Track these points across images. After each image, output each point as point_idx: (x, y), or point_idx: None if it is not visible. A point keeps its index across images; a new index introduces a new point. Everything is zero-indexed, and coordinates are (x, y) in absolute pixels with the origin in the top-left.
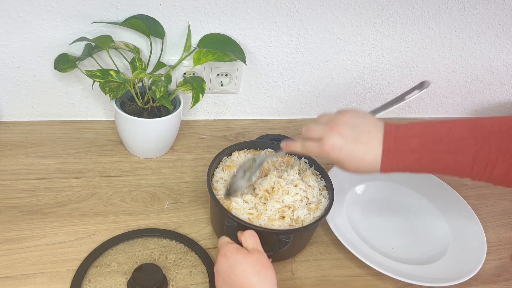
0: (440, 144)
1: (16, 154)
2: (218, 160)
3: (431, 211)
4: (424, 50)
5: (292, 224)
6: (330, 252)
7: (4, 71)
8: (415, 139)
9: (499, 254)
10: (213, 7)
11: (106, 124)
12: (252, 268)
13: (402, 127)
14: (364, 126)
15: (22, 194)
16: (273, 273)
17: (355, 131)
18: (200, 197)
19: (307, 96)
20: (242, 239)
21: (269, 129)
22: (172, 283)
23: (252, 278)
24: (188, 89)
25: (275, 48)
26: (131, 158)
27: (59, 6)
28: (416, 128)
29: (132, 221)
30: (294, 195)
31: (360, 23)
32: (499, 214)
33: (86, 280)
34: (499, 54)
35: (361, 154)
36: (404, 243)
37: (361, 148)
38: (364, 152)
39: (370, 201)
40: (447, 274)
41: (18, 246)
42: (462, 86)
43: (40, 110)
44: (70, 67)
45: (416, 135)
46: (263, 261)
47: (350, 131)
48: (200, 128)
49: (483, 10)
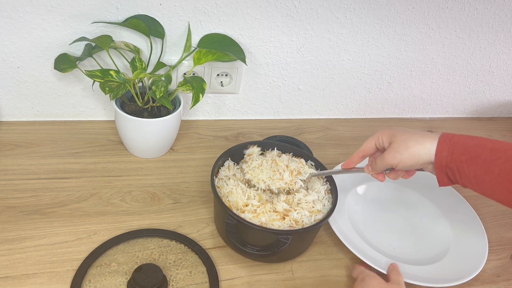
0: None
1: (16, 154)
2: (224, 158)
3: (432, 211)
4: (424, 50)
5: (292, 225)
6: (330, 252)
7: (4, 71)
8: (472, 142)
9: (499, 254)
10: (213, 7)
11: (106, 124)
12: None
13: (459, 136)
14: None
15: (22, 194)
16: None
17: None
18: (200, 197)
19: (307, 96)
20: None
21: (269, 129)
22: (172, 283)
23: None
24: (188, 89)
25: (275, 48)
26: (131, 158)
27: (59, 6)
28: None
29: (132, 221)
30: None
31: (360, 23)
32: (499, 214)
33: (86, 280)
34: (499, 54)
35: (418, 140)
36: (405, 243)
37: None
38: (421, 141)
39: (372, 201)
40: (448, 274)
41: (18, 246)
42: (462, 86)
43: (40, 110)
44: (70, 67)
45: (472, 144)
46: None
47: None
48: (200, 128)
49: (483, 10)
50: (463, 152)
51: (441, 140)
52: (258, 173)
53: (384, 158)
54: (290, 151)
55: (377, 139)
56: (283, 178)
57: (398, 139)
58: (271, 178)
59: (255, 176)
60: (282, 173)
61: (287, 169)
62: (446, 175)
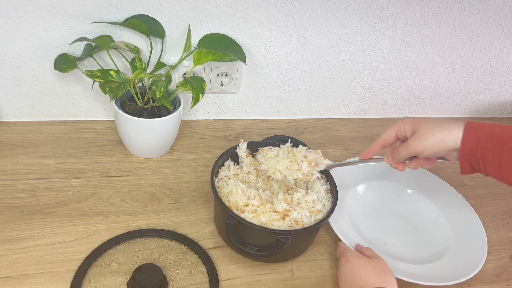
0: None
1: (16, 154)
2: (224, 158)
3: (432, 210)
4: (424, 50)
5: (292, 225)
6: (330, 252)
7: (4, 71)
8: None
9: (499, 254)
10: (213, 7)
11: (106, 124)
12: (373, 271)
13: (484, 123)
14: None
15: (22, 194)
16: (393, 278)
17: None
18: (200, 197)
19: (307, 96)
20: (358, 249)
21: (269, 129)
22: (172, 283)
23: (373, 279)
24: (188, 89)
25: (275, 48)
26: (131, 158)
27: (59, 6)
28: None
29: (132, 221)
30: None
31: (360, 23)
32: (499, 214)
33: (86, 280)
34: (499, 54)
35: (444, 127)
36: (405, 242)
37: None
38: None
39: (372, 201)
40: (448, 273)
41: (18, 246)
42: (462, 86)
43: (40, 110)
44: (70, 67)
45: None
46: (383, 266)
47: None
48: (200, 128)
49: (483, 10)
50: (489, 139)
51: (468, 127)
52: (275, 163)
53: (409, 145)
54: None
55: (399, 128)
56: (301, 169)
57: (422, 127)
58: (289, 169)
59: (271, 166)
60: (300, 163)
61: (305, 159)
62: (470, 164)
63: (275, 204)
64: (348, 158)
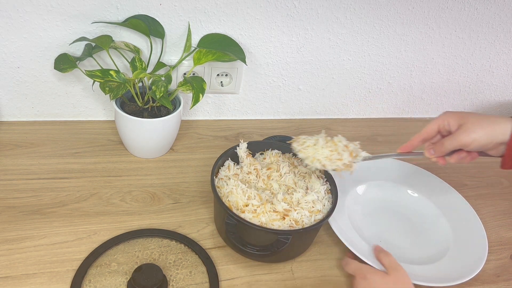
0: None
1: (16, 154)
2: (224, 158)
3: (432, 211)
4: (424, 50)
5: (292, 225)
6: (330, 252)
7: (4, 71)
8: None
9: (499, 254)
10: (213, 7)
11: (106, 124)
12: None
13: None
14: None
15: (22, 194)
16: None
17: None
18: (200, 197)
19: (307, 96)
20: (377, 256)
21: (269, 129)
22: (172, 283)
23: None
24: (188, 89)
25: (275, 48)
26: (131, 158)
27: (59, 6)
28: None
29: (132, 221)
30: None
31: (360, 23)
32: (499, 214)
33: (86, 280)
34: (499, 54)
35: (492, 120)
36: (405, 242)
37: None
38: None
39: (371, 201)
40: (448, 274)
41: (18, 246)
42: (462, 86)
43: (40, 110)
44: (70, 67)
45: None
46: (403, 280)
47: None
48: (200, 128)
49: (483, 10)
50: None
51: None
52: (314, 152)
53: (456, 138)
54: (290, 151)
55: (442, 122)
56: (343, 158)
57: (471, 120)
58: (329, 158)
59: (309, 155)
60: (342, 153)
61: (347, 149)
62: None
63: (275, 204)
64: None
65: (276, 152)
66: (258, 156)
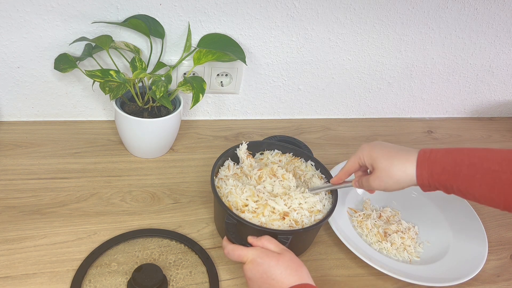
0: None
1: (16, 154)
2: (224, 158)
3: (432, 211)
4: (424, 50)
5: (292, 225)
6: (330, 252)
7: (4, 71)
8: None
9: (499, 254)
10: (213, 7)
11: (106, 124)
12: (289, 269)
13: (436, 153)
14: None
15: (22, 194)
16: (306, 268)
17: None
18: (200, 197)
19: (307, 96)
20: (259, 244)
21: (269, 129)
22: (172, 283)
23: (291, 278)
24: (188, 89)
25: (275, 48)
26: (131, 158)
27: (59, 6)
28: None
29: (132, 221)
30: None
31: (360, 23)
32: (499, 214)
33: (86, 280)
34: (499, 54)
35: (399, 167)
36: None
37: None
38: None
39: (371, 201)
40: (448, 274)
41: (18, 246)
42: (462, 86)
43: (40, 110)
44: (70, 67)
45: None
46: (295, 259)
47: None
48: (200, 128)
49: (483, 10)
50: (442, 172)
51: (419, 162)
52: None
53: (370, 183)
54: (291, 151)
55: (360, 159)
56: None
57: (380, 166)
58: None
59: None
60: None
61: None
62: (430, 189)
63: (275, 204)
64: (348, 157)
65: (276, 152)
66: (258, 156)
